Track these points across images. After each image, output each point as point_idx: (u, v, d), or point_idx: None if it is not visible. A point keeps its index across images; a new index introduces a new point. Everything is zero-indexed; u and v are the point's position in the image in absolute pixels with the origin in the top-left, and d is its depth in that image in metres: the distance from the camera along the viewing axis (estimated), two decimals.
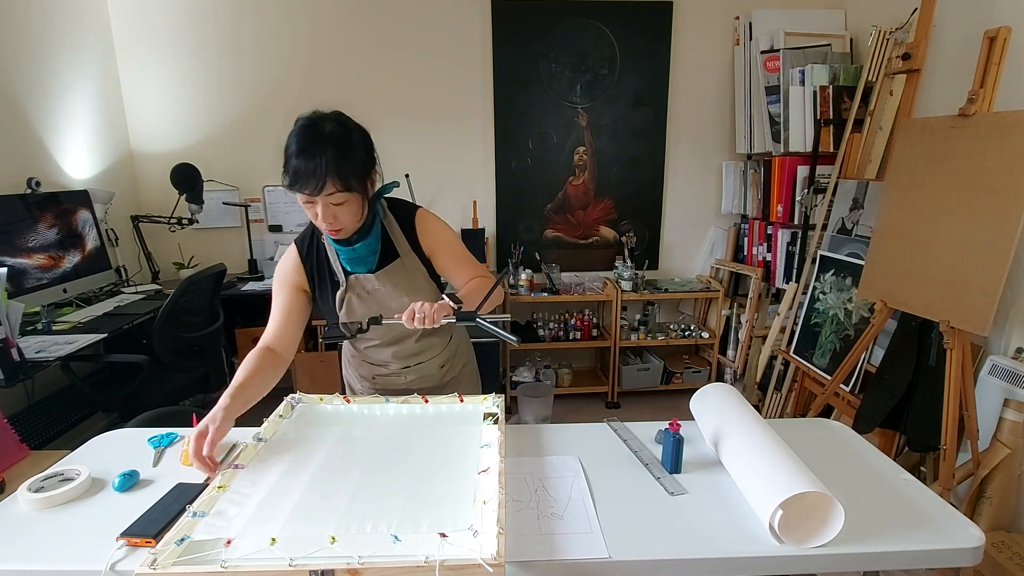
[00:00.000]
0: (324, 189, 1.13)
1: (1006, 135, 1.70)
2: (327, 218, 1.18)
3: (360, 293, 1.35)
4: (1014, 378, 1.93)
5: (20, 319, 1.96)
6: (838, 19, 3.08)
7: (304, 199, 1.16)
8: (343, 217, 1.19)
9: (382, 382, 1.50)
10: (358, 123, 1.27)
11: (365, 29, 3.20)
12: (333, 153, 1.12)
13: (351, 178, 1.15)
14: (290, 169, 1.14)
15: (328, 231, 1.22)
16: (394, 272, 1.34)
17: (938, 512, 1.00)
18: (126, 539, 0.90)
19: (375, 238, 1.31)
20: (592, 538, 0.92)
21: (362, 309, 1.35)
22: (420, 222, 1.36)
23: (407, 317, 1.14)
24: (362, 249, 1.30)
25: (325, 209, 1.17)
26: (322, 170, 1.11)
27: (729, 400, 1.22)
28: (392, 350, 1.44)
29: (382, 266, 1.34)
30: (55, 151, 2.73)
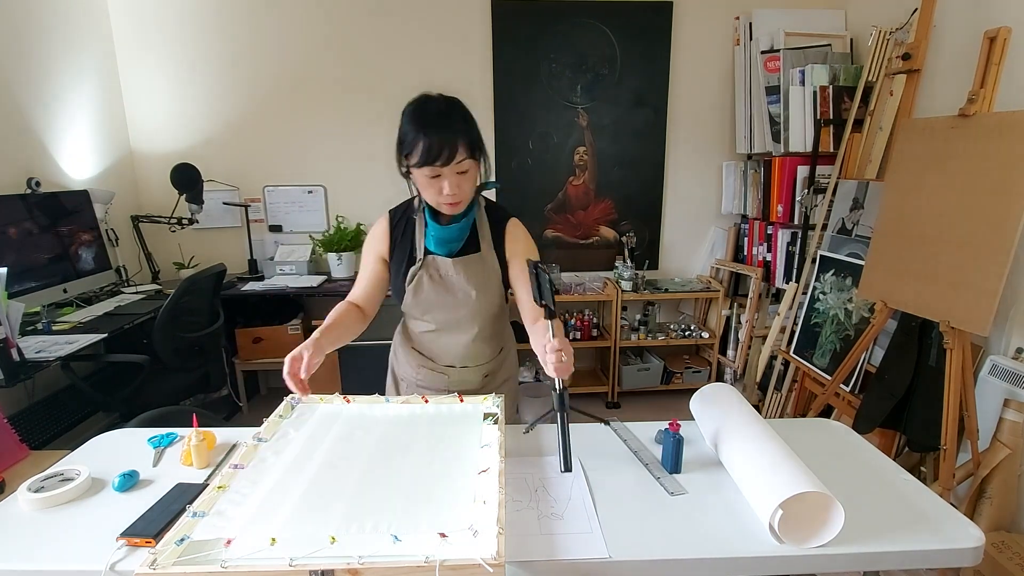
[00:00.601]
0: (456, 156, 1.17)
1: (1006, 135, 1.70)
2: (453, 188, 1.21)
3: (432, 274, 1.36)
4: (1014, 378, 1.93)
5: (20, 319, 1.96)
6: (838, 19, 3.08)
7: (432, 172, 1.19)
8: (465, 187, 1.23)
9: (425, 377, 1.49)
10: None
11: (365, 29, 3.20)
12: (460, 124, 1.19)
13: (475, 146, 1.21)
14: (420, 145, 1.17)
15: (451, 203, 1.24)
16: (471, 263, 1.36)
17: (938, 512, 1.00)
18: (126, 539, 0.90)
19: (467, 224, 1.34)
20: (592, 538, 0.92)
21: (430, 290, 1.36)
22: (511, 226, 1.38)
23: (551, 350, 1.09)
24: (453, 231, 1.32)
25: (452, 179, 1.20)
26: (453, 140, 1.16)
27: (729, 400, 1.22)
28: (446, 342, 1.43)
29: (462, 255, 1.36)
30: (55, 151, 2.73)
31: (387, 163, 3.69)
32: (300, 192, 3.39)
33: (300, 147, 3.33)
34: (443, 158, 1.17)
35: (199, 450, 1.14)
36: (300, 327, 3.19)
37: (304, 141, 3.32)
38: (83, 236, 2.71)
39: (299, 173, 3.37)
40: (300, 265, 3.25)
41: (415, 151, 1.18)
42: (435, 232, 1.33)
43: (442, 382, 1.48)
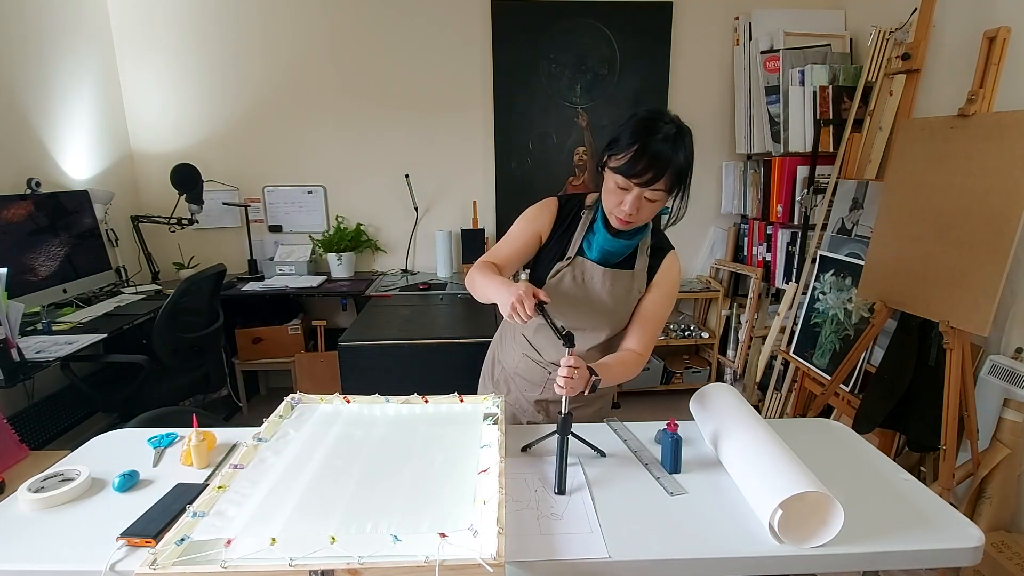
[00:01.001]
0: (656, 183, 1.15)
1: (1006, 135, 1.70)
2: (634, 207, 1.19)
3: (576, 275, 1.34)
4: (1014, 378, 1.93)
5: (20, 319, 1.96)
6: (838, 19, 3.08)
7: (625, 184, 1.17)
8: (645, 213, 1.22)
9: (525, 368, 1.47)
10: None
11: (365, 29, 3.20)
12: (678, 157, 1.15)
13: (676, 180, 1.18)
14: (631, 155, 1.14)
15: (625, 220, 1.22)
16: (620, 278, 1.33)
17: (938, 512, 1.00)
18: (126, 539, 0.90)
19: (633, 243, 1.32)
20: (592, 538, 0.92)
21: (570, 289, 1.34)
22: (669, 258, 1.35)
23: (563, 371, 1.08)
24: (620, 245, 1.30)
25: (636, 200, 1.18)
26: (663, 166, 1.14)
27: (729, 400, 1.22)
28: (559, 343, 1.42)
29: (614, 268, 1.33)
30: (55, 151, 2.73)
31: (387, 163, 3.68)
32: (300, 192, 3.39)
33: (300, 147, 3.33)
34: (644, 179, 1.15)
35: (199, 450, 1.14)
36: (300, 327, 3.19)
37: (304, 141, 3.32)
38: (83, 236, 2.71)
39: (299, 173, 3.37)
40: (300, 265, 3.26)
41: (624, 157, 1.15)
42: (603, 241, 1.30)
43: (541, 376, 1.45)
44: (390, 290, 3.01)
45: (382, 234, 3.48)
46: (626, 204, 1.19)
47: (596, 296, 1.33)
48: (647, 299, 1.34)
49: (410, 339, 2.30)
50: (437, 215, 3.45)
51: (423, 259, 3.50)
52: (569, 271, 1.33)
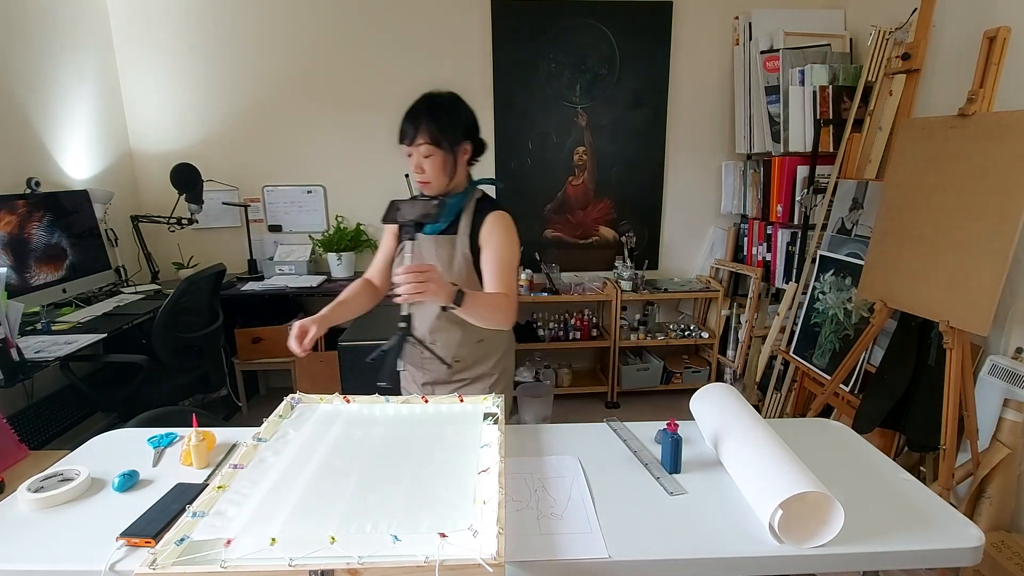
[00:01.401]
0: (416, 139, 1.33)
1: (1006, 135, 1.70)
2: (415, 167, 1.37)
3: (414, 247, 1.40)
4: (1014, 378, 1.93)
5: (20, 319, 1.96)
6: (838, 19, 3.08)
7: (405, 150, 1.37)
8: (430, 170, 1.36)
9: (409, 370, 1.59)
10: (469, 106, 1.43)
11: (365, 29, 3.20)
12: (428, 113, 1.34)
13: (438, 135, 1.34)
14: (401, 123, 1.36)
15: (420, 182, 1.39)
16: (442, 242, 1.44)
17: (938, 512, 1.00)
18: (126, 539, 0.90)
19: (451, 206, 1.42)
20: (592, 538, 0.92)
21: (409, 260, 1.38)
22: (492, 217, 1.43)
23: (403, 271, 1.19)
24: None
25: (416, 159, 1.36)
26: (415, 124, 1.33)
27: (729, 400, 1.22)
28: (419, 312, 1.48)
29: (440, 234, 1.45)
30: (55, 151, 2.73)
31: (387, 163, 3.68)
32: (300, 192, 3.39)
33: (300, 147, 3.33)
34: (407, 139, 1.35)
35: (199, 450, 1.14)
36: None
37: (304, 141, 3.32)
38: (83, 236, 2.71)
39: (299, 173, 3.37)
40: (299, 265, 3.25)
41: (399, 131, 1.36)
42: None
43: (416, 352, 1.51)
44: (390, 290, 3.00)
45: (382, 234, 3.47)
46: (411, 165, 1.37)
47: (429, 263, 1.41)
48: (484, 255, 1.42)
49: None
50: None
51: None
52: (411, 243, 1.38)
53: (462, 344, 1.50)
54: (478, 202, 1.46)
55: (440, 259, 1.43)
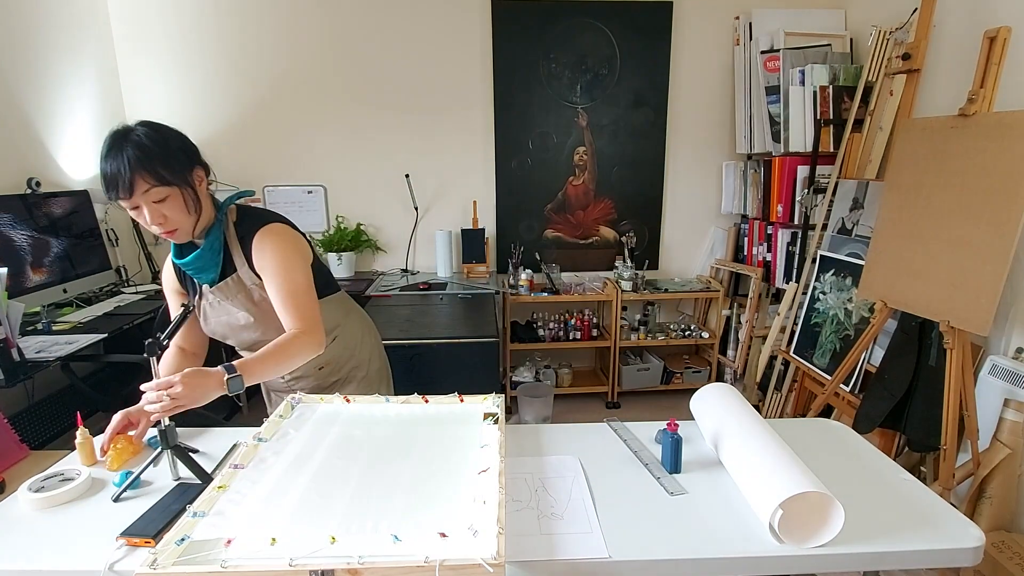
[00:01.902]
0: (136, 187, 1.10)
1: (1006, 135, 1.70)
2: (155, 219, 1.15)
3: (211, 302, 1.32)
4: (1014, 378, 1.93)
5: (20, 319, 1.96)
6: (838, 19, 3.08)
7: (127, 205, 1.13)
8: (173, 215, 1.16)
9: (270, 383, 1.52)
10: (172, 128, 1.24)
11: (365, 29, 3.20)
12: (135, 152, 1.11)
13: (162, 170, 1.13)
14: (101, 177, 1.12)
15: (163, 234, 1.18)
16: (227, 288, 1.29)
17: (938, 512, 1.00)
18: (126, 539, 0.90)
19: (212, 248, 1.25)
20: (592, 538, 0.92)
21: (214, 319, 1.34)
22: (257, 240, 1.26)
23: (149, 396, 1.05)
24: (197, 260, 1.25)
25: (150, 209, 1.14)
26: (127, 167, 1.09)
27: (729, 400, 1.22)
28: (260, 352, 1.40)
29: (222, 279, 1.29)
30: (55, 151, 2.73)
31: (387, 163, 3.69)
32: (300, 192, 3.39)
33: (300, 147, 3.33)
34: (121, 188, 1.10)
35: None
36: None
37: (304, 141, 3.32)
38: (83, 236, 2.71)
39: (299, 173, 3.37)
40: None
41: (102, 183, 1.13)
42: (186, 266, 1.27)
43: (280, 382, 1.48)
44: (390, 290, 3.01)
45: (382, 234, 3.48)
46: (146, 218, 1.15)
47: (230, 312, 1.31)
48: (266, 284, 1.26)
49: (410, 339, 2.31)
50: (437, 215, 3.45)
51: (423, 259, 3.50)
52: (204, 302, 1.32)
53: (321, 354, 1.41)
54: (238, 225, 1.29)
55: (236, 303, 1.30)
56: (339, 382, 1.52)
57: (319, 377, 1.48)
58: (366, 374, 1.55)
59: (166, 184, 1.14)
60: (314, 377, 1.48)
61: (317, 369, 1.47)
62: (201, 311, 1.34)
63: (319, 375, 1.48)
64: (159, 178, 1.13)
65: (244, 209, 1.34)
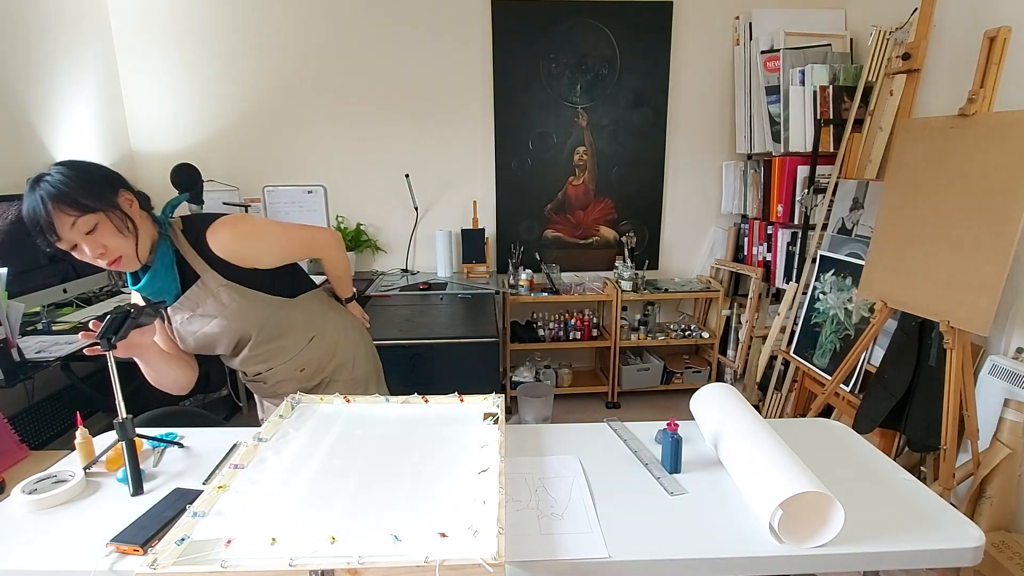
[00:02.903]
0: (59, 222, 1.06)
1: (1006, 135, 1.70)
2: (95, 251, 1.11)
3: (180, 321, 1.29)
4: (1014, 378, 1.93)
5: (20, 319, 1.96)
6: (838, 19, 3.08)
7: (63, 246, 1.10)
8: (113, 243, 1.12)
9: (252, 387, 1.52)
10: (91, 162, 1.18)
11: (364, 29, 3.19)
12: (50, 189, 1.06)
13: (82, 199, 1.07)
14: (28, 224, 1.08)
15: (109, 265, 1.14)
16: (194, 296, 1.26)
17: (938, 512, 1.00)
18: (115, 545, 0.89)
19: (163, 264, 1.22)
20: (592, 538, 0.92)
21: (189, 337, 1.32)
22: (212, 234, 1.24)
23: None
24: (152, 281, 1.22)
25: (86, 243, 1.10)
26: (42, 206, 1.05)
27: (729, 400, 1.22)
28: (240, 361, 1.41)
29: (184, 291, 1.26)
30: (55, 151, 2.73)
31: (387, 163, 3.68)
32: (300, 192, 3.39)
33: (300, 147, 3.33)
34: (53, 235, 1.07)
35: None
36: None
37: (304, 141, 3.32)
38: None
39: (299, 173, 3.37)
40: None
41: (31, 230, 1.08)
42: (144, 287, 1.23)
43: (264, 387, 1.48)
44: (390, 290, 3.01)
45: (382, 234, 3.48)
46: (88, 254, 1.12)
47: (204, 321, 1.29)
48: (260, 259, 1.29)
49: (410, 339, 2.31)
50: (437, 215, 3.45)
51: (423, 259, 3.50)
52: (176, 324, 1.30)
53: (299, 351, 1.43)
54: (186, 233, 1.27)
55: (208, 310, 1.27)
56: (324, 383, 1.49)
57: (301, 380, 1.45)
58: (352, 374, 1.52)
59: (90, 211, 1.09)
60: (296, 380, 1.45)
61: (298, 371, 1.44)
62: (175, 334, 1.32)
63: (301, 377, 1.45)
64: (80, 207, 1.07)
65: (187, 218, 1.31)
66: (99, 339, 1.09)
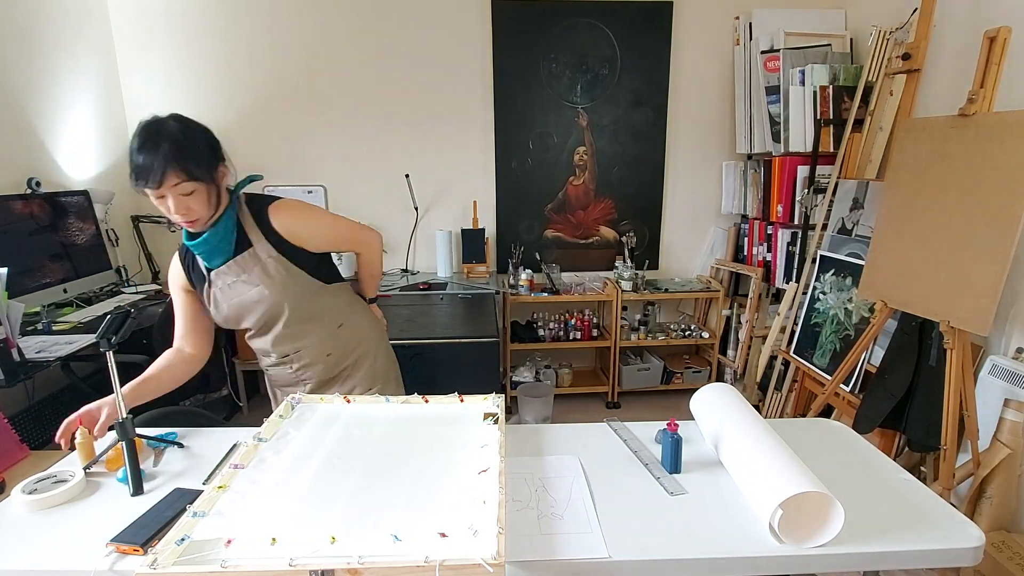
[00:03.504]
0: (166, 180, 1.16)
1: (1006, 135, 1.70)
2: (179, 209, 1.21)
3: (221, 286, 1.36)
4: (1014, 378, 1.93)
5: (20, 319, 1.96)
6: (838, 19, 3.08)
7: (153, 194, 1.19)
8: (196, 207, 1.23)
9: (276, 374, 1.53)
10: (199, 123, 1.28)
11: (364, 30, 3.20)
12: (170, 146, 1.16)
13: (192, 167, 1.19)
14: (132, 167, 1.17)
15: (184, 223, 1.25)
16: (242, 262, 1.34)
17: (938, 512, 1.00)
18: (115, 545, 0.90)
19: (225, 228, 1.31)
20: (592, 538, 0.92)
21: (226, 304, 1.37)
22: (274, 212, 1.35)
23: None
24: (211, 239, 1.30)
25: (176, 201, 1.20)
26: (160, 162, 1.15)
27: (729, 400, 1.22)
28: (269, 338, 1.45)
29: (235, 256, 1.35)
30: (55, 151, 2.73)
31: (387, 163, 3.68)
32: (300, 192, 3.38)
33: (300, 147, 3.33)
34: (152, 181, 1.16)
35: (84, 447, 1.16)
36: None
37: (304, 141, 3.32)
38: (83, 236, 2.71)
39: (299, 173, 3.37)
40: None
41: (132, 171, 1.18)
42: (198, 248, 1.32)
43: (287, 373, 1.50)
44: (390, 290, 3.01)
45: (382, 234, 3.47)
46: (172, 208, 1.21)
47: (245, 289, 1.36)
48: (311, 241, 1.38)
49: (410, 339, 2.31)
50: (437, 215, 3.45)
51: (423, 259, 3.50)
52: (214, 289, 1.36)
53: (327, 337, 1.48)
54: (248, 204, 1.37)
55: (252, 277, 1.34)
56: (348, 368, 1.54)
57: (327, 365, 1.50)
58: (374, 366, 1.57)
59: (196, 180, 1.20)
60: (321, 365, 1.49)
61: (325, 356, 1.49)
62: (211, 299, 1.37)
63: (327, 362, 1.50)
64: (189, 174, 1.18)
65: (250, 194, 1.41)
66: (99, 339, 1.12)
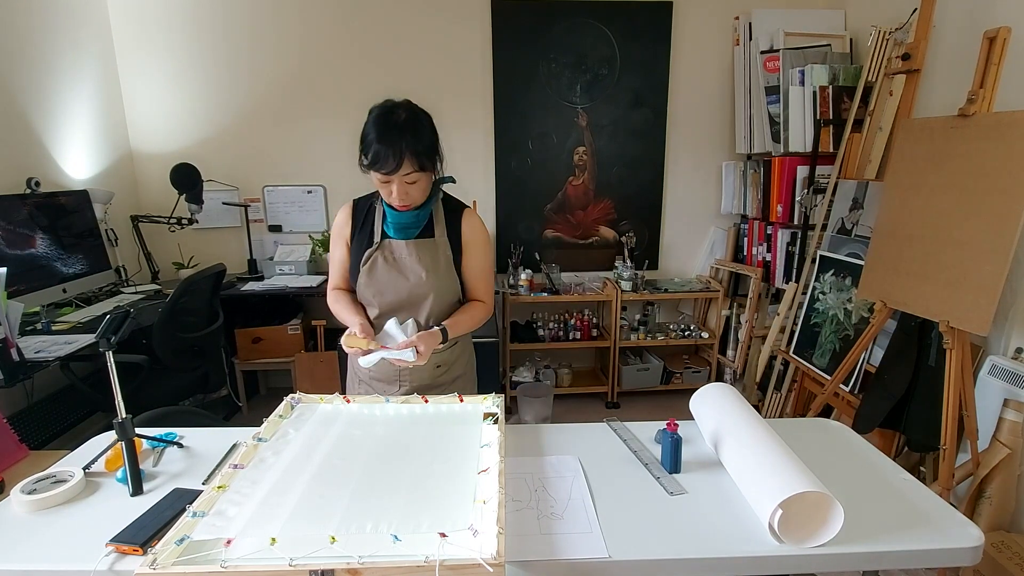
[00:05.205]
0: (401, 169, 1.28)
1: (1006, 135, 1.70)
2: (402, 195, 1.33)
3: (387, 256, 1.44)
4: (1014, 378, 1.93)
5: (20, 319, 1.95)
6: (838, 19, 3.08)
7: (382, 177, 1.31)
8: (415, 194, 1.35)
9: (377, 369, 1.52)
10: (424, 109, 1.39)
11: (364, 29, 3.20)
12: (409, 138, 1.28)
13: (424, 159, 1.31)
14: (371, 152, 1.29)
15: (400, 207, 1.37)
16: (424, 246, 1.45)
17: (938, 512, 1.00)
18: (115, 545, 0.89)
19: (424, 212, 1.43)
20: (592, 538, 0.92)
21: (383, 272, 1.44)
22: (467, 215, 1.49)
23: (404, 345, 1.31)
24: (410, 216, 1.41)
25: (400, 187, 1.32)
26: (399, 153, 1.27)
27: (729, 400, 1.22)
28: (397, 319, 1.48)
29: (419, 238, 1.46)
30: (55, 151, 2.73)
31: None
32: (299, 192, 3.39)
33: (300, 147, 3.33)
34: (390, 167, 1.28)
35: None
36: (300, 327, 3.19)
37: (304, 141, 3.32)
38: (83, 236, 2.71)
39: (299, 173, 3.37)
40: (299, 265, 3.25)
41: (368, 154, 1.30)
42: (393, 218, 1.42)
43: (393, 373, 1.50)
44: None
45: None
46: (394, 192, 1.33)
47: (410, 269, 1.44)
48: (469, 259, 1.49)
49: None
50: None
51: None
52: (379, 254, 1.44)
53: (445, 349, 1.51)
54: (443, 202, 1.49)
55: (423, 261, 1.44)
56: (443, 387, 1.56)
57: (433, 374, 1.53)
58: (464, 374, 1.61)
59: (425, 171, 1.33)
60: (428, 372, 1.52)
61: (435, 366, 1.53)
62: (372, 262, 1.44)
63: (434, 372, 1.53)
64: (422, 167, 1.31)
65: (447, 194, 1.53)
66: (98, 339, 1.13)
